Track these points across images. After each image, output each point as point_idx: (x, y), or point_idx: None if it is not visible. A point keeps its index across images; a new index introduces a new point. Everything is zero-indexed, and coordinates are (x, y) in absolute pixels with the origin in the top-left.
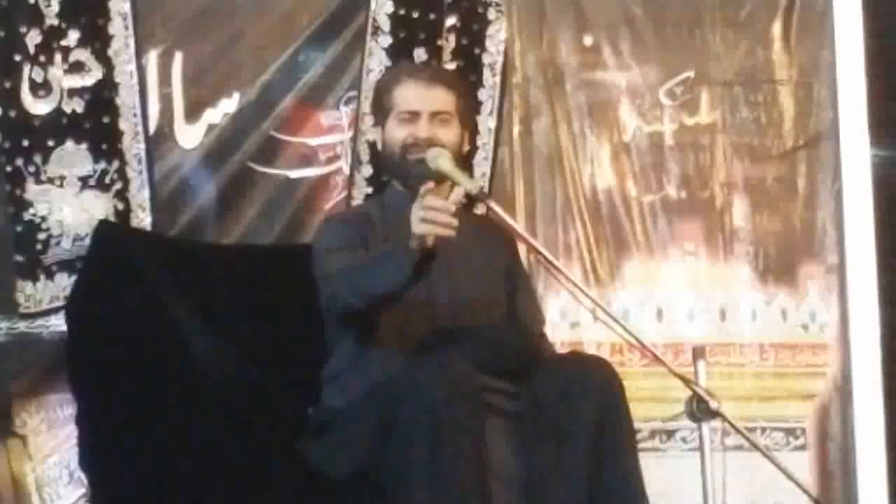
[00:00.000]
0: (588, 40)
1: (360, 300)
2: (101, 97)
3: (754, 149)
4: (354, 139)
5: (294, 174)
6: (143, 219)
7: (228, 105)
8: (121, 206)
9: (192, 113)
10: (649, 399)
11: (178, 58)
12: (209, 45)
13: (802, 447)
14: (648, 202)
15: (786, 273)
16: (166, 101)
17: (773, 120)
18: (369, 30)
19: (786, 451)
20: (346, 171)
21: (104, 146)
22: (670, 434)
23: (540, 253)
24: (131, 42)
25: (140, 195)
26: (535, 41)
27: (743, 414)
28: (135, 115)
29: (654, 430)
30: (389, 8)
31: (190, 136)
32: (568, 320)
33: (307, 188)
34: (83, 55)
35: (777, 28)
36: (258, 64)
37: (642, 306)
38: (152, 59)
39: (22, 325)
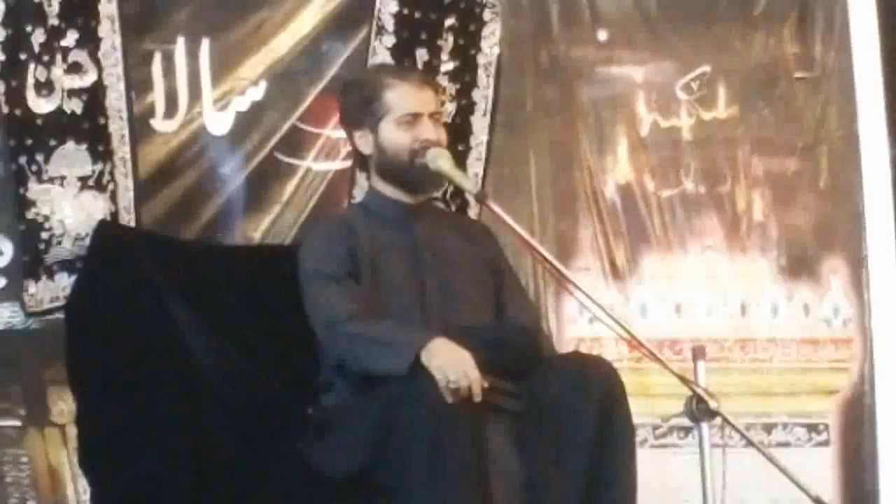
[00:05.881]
0: (602, 35)
1: (355, 366)
2: (97, 98)
3: (773, 144)
4: None
5: (317, 166)
6: (128, 221)
7: (255, 93)
8: (113, 209)
9: (221, 100)
10: (667, 395)
11: (206, 45)
12: (236, 33)
13: (825, 443)
14: (667, 197)
15: (808, 268)
16: (194, 87)
17: (792, 115)
18: (374, 29)
19: (808, 447)
20: None
21: (100, 148)
22: (688, 430)
23: (539, 252)
24: (118, 45)
25: (125, 198)
26: (549, 36)
27: (765, 410)
28: (121, 118)
29: (672, 426)
30: (394, 8)
31: (219, 122)
32: (586, 316)
33: (330, 181)
34: (81, 56)
35: (793, 23)
36: (283, 53)
37: (661, 301)
38: (180, 45)
39: (56, 313)
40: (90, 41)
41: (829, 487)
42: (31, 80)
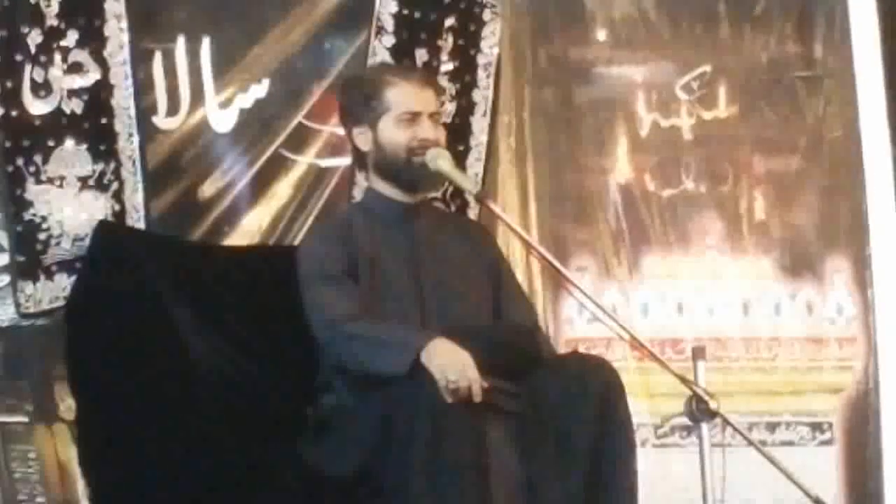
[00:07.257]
0: (602, 35)
1: (355, 366)
2: (99, 98)
3: (774, 143)
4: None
5: (324, 163)
6: (136, 220)
7: (259, 90)
8: (117, 207)
9: (224, 97)
10: (669, 395)
11: (206, 43)
12: (237, 31)
13: (829, 442)
14: (668, 197)
15: (810, 267)
16: (196, 86)
17: (793, 114)
18: (373, 30)
19: (812, 446)
20: None
21: (102, 147)
22: (690, 430)
23: (538, 251)
24: (126, 43)
25: (134, 197)
26: (548, 36)
27: (768, 409)
28: (129, 116)
29: (675, 425)
30: (394, 8)
31: (223, 120)
32: (585, 316)
33: (337, 177)
34: (82, 56)
35: (794, 22)
36: (286, 51)
37: (662, 301)
38: (180, 44)
39: (55, 313)
40: (93, 40)
41: (833, 486)
42: (27, 82)
